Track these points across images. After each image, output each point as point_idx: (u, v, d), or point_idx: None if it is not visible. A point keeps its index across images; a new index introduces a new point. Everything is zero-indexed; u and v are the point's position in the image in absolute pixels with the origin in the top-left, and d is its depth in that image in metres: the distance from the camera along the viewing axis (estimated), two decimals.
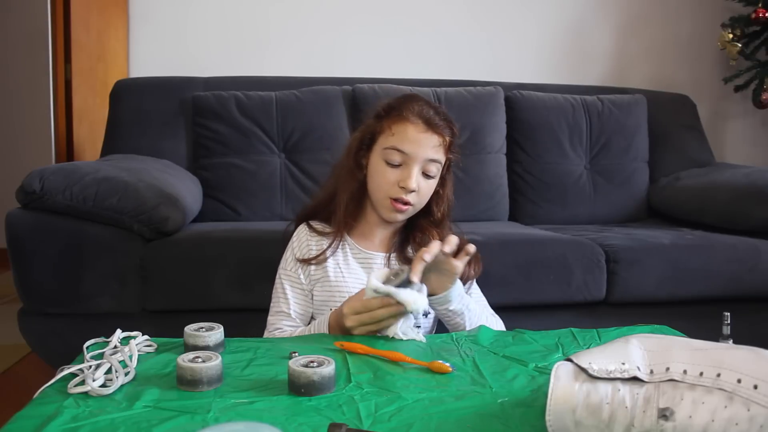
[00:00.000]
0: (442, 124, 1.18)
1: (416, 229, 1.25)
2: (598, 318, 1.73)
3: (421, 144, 1.16)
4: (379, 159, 1.19)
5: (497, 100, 2.34)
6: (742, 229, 1.91)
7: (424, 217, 1.25)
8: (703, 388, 0.62)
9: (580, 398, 0.64)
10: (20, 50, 3.56)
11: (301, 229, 1.27)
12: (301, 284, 1.22)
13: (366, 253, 1.24)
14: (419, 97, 1.23)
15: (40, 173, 1.52)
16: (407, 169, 1.16)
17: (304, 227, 1.27)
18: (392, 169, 1.17)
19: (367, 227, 1.26)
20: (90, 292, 1.55)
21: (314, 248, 1.22)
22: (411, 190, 1.16)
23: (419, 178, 1.17)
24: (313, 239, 1.24)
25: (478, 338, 1.01)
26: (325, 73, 2.46)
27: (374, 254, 1.24)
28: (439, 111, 1.20)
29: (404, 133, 1.16)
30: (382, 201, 1.19)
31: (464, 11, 2.74)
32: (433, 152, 1.17)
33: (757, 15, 2.61)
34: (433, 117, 1.18)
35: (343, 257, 1.23)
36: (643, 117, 2.46)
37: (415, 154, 1.16)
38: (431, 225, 1.25)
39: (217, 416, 0.72)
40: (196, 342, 0.91)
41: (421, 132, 1.16)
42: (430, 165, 1.18)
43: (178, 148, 2.18)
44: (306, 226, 1.26)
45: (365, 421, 0.71)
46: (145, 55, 2.57)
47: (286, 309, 1.20)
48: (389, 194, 1.18)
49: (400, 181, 1.16)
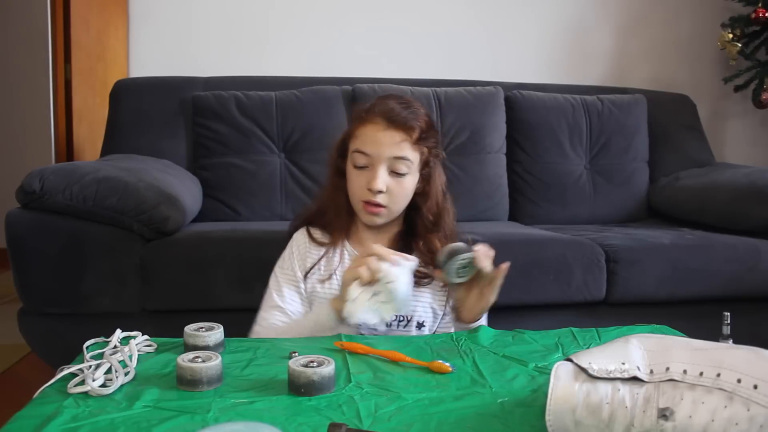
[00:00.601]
0: (405, 119, 1.14)
1: (417, 236, 1.22)
2: (598, 318, 1.73)
3: (381, 143, 1.13)
4: (350, 164, 1.18)
5: (497, 100, 2.34)
6: (742, 229, 1.91)
7: (419, 220, 1.22)
8: (703, 388, 0.62)
9: (580, 398, 0.64)
10: (20, 50, 3.55)
11: (301, 235, 1.25)
12: (297, 283, 1.21)
13: None
14: (390, 95, 1.21)
15: (40, 173, 1.52)
16: (372, 170, 1.14)
17: (303, 233, 1.25)
18: (360, 172, 1.16)
19: (360, 233, 1.24)
20: (90, 292, 1.55)
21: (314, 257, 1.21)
22: (378, 191, 1.14)
23: (386, 178, 1.15)
24: (313, 248, 1.22)
25: (478, 338, 1.01)
26: (325, 72, 2.46)
27: None
28: (407, 106, 1.17)
29: (365, 135, 1.15)
30: (357, 205, 1.18)
31: (464, 11, 2.74)
32: (397, 149, 1.14)
33: (756, 15, 2.61)
34: (396, 113, 1.14)
35: (340, 264, 1.21)
36: (643, 117, 2.46)
37: (376, 154, 1.14)
38: (426, 230, 1.22)
39: (217, 416, 0.72)
40: (196, 342, 0.91)
41: (381, 130, 1.14)
42: (396, 163, 1.14)
43: (178, 148, 2.18)
44: (306, 233, 1.25)
45: (365, 421, 0.71)
46: (145, 55, 2.57)
47: (281, 304, 1.18)
48: (361, 198, 1.17)
49: (367, 184, 1.15)
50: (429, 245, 1.20)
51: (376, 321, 1.01)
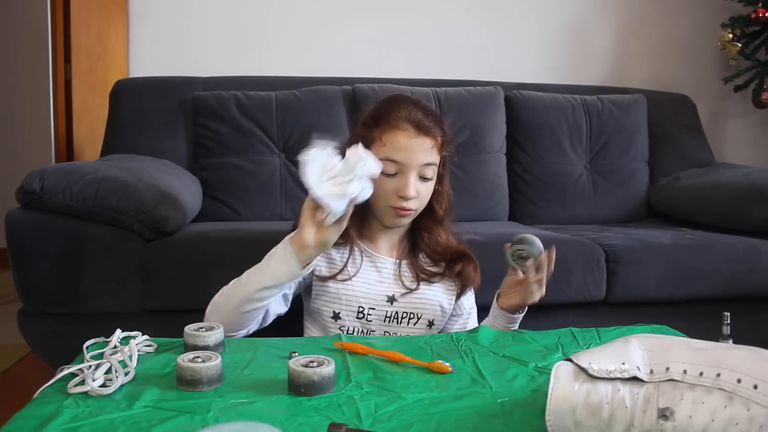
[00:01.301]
0: (431, 125, 1.16)
1: (422, 230, 1.25)
2: (598, 318, 1.73)
3: (413, 150, 1.15)
4: None
5: (497, 100, 2.34)
6: (742, 229, 1.91)
7: (428, 216, 1.24)
8: (703, 388, 0.62)
9: (580, 398, 0.64)
10: (20, 50, 3.56)
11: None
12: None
13: (376, 256, 1.23)
14: (405, 98, 1.21)
15: (39, 173, 1.52)
16: (404, 178, 1.15)
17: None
18: (389, 179, 1.16)
19: (374, 233, 1.25)
20: (90, 292, 1.55)
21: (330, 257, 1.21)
22: (410, 198, 1.15)
23: (417, 184, 1.16)
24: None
25: (478, 338, 1.01)
26: (325, 73, 2.46)
27: (384, 258, 1.24)
28: (427, 111, 1.19)
29: (396, 142, 1.15)
30: (384, 210, 1.19)
31: (464, 11, 2.74)
32: (427, 156, 1.16)
33: (756, 15, 2.61)
34: (422, 120, 1.16)
35: (352, 260, 1.22)
36: (643, 117, 2.46)
37: (409, 162, 1.15)
38: (435, 224, 1.25)
39: (217, 416, 0.72)
40: (196, 342, 0.91)
41: (412, 138, 1.15)
42: (425, 169, 1.17)
43: (178, 148, 2.18)
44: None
45: (365, 421, 0.71)
46: (145, 55, 2.57)
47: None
48: (389, 203, 1.17)
49: (399, 191, 1.15)
50: (435, 238, 1.23)
51: (341, 203, 0.97)
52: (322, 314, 1.21)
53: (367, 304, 1.19)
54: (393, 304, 1.20)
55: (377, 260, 1.23)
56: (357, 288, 1.19)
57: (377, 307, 1.19)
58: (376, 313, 1.19)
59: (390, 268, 1.23)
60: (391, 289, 1.21)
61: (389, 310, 1.20)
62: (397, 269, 1.23)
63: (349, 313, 1.18)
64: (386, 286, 1.21)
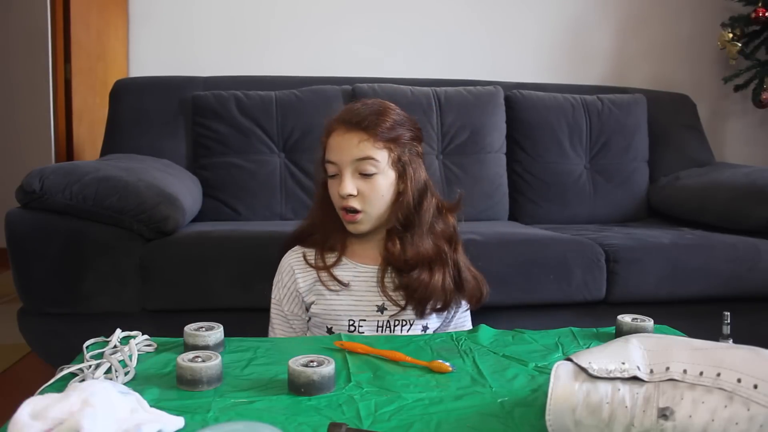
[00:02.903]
0: (362, 119, 1.12)
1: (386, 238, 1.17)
2: (598, 318, 1.72)
3: (342, 147, 1.13)
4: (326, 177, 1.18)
5: (497, 100, 2.34)
6: (742, 229, 1.91)
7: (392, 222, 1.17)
8: (703, 388, 0.62)
9: (580, 398, 0.64)
10: (20, 50, 3.55)
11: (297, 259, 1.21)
12: (284, 315, 1.21)
13: (360, 266, 1.20)
14: (358, 100, 1.19)
15: (39, 173, 1.52)
16: (340, 177, 1.14)
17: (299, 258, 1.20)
18: (333, 182, 1.15)
19: (356, 243, 1.22)
20: (90, 291, 1.55)
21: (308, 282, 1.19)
22: (348, 195, 1.12)
23: (355, 181, 1.13)
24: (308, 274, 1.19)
25: (478, 338, 1.01)
26: (325, 72, 2.46)
27: (369, 267, 1.19)
28: (369, 105, 1.15)
29: (331, 144, 1.15)
30: (339, 215, 1.17)
31: (464, 11, 2.74)
32: (358, 151, 1.12)
33: (756, 14, 2.61)
34: (353, 116, 1.13)
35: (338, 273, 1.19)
36: (643, 117, 2.46)
37: (340, 160, 1.13)
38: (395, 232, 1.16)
39: (217, 416, 0.72)
40: (196, 342, 0.91)
41: (341, 135, 1.13)
42: (362, 164, 1.12)
43: (178, 147, 2.18)
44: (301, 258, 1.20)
45: (365, 421, 0.71)
46: (145, 54, 2.57)
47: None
48: (338, 206, 1.16)
49: (339, 191, 1.14)
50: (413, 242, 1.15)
51: None
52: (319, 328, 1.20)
53: (358, 316, 1.16)
54: (384, 313, 1.17)
55: (361, 270, 1.19)
56: (344, 301, 1.17)
57: (368, 318, 1.16)
58: (368, 324, 1.16)
59: (374, 276, 1.18)
60: (379, 298, 1.17)
61: (380, 320, 1.17)
62: (381, 277, 1.17)
63: (340, 328, 1.16)
64: (374, 296, 1.17)
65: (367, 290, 1.18)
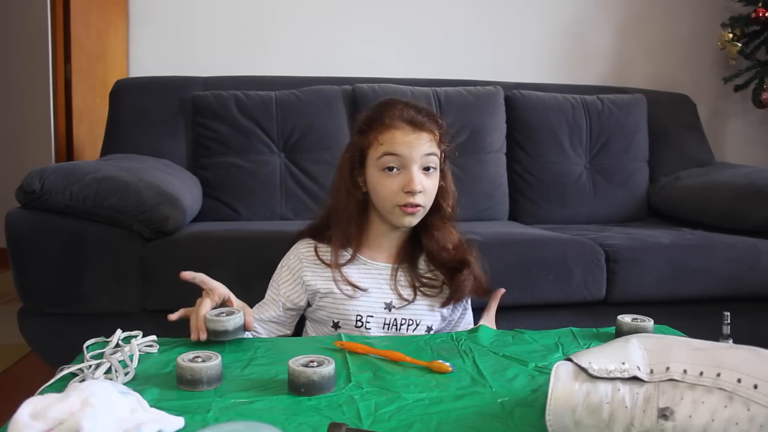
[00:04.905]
0: (426, 121, 1.15)
1: (431, 228, 1.21)
2: (598, 318, 1.73)
3: (412, 145, 1.13)
4: (375, 171, 1.16)
5: (497, 100, 2.34)
6: (742, 229, 1.91)
7: (435, 215, 1.21)
8: (703, 388, 0.62)
9: (580, 398, 0.64)
10: (20, 50, 3.56)
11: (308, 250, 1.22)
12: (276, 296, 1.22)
13: (372, 263, 1.21)
14: (397, 101, 1.20)
15: (39, 173, 1.52)
16: (407, 172, 1.13)
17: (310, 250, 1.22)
18: (392, 178, 1.14)
19: (373, 240, 1.22)
20: (90, 291, 1.55)
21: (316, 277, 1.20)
22: (417, 192, 1.13)
23: (421, 177, 1.14)
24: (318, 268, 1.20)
25: (478, 338, 1.01)
26: (325, 72, 2.46)
27: (382, 265, 1.21)
28: (420, 108, 1.17)
29: (393, 140, 1.14)
30: (391, 211, 1.16)
31: (464, 11, 2.74)
32: (428, 147, 1.15)
33: (756, 14, 2.61)
34: (415, 117, 1.15)
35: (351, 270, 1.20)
36: (643, 117, 2.46)
37: (409, 155, 1.13)
38: (443, 221, 1.22)
39: (217, 416, 0.72)
40: (216, 327, 0.94)
41: (409, 134, 1.14)
42: (428, 159, 1.15)
43: (178, 147, 2.18)
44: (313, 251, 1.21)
45: (365, 421, 0.71)
46: (145, 54, 2.57)
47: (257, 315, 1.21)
48: (396, 203, 1.14)
49: (404, 186, 1.13)
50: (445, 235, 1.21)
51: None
52: (323, 323, 1.21)
53: (365, 312, 1.17)
54: (391, 311, 1.18)
55: (373, 267, 1.21)
56: (354, 297, 1.18)
57: (375, 315, 1.18)
58: (375, 320, 1.17)
59: (387, 274, 1.20)
60: (388, 296, 1.19)
61: (388, 318, 1.18)
62: (394, 275, 1.20)
63: (347, 323, 1.17)
64: (384, 293, 1.19)
65: (377, 287, 1.19)
